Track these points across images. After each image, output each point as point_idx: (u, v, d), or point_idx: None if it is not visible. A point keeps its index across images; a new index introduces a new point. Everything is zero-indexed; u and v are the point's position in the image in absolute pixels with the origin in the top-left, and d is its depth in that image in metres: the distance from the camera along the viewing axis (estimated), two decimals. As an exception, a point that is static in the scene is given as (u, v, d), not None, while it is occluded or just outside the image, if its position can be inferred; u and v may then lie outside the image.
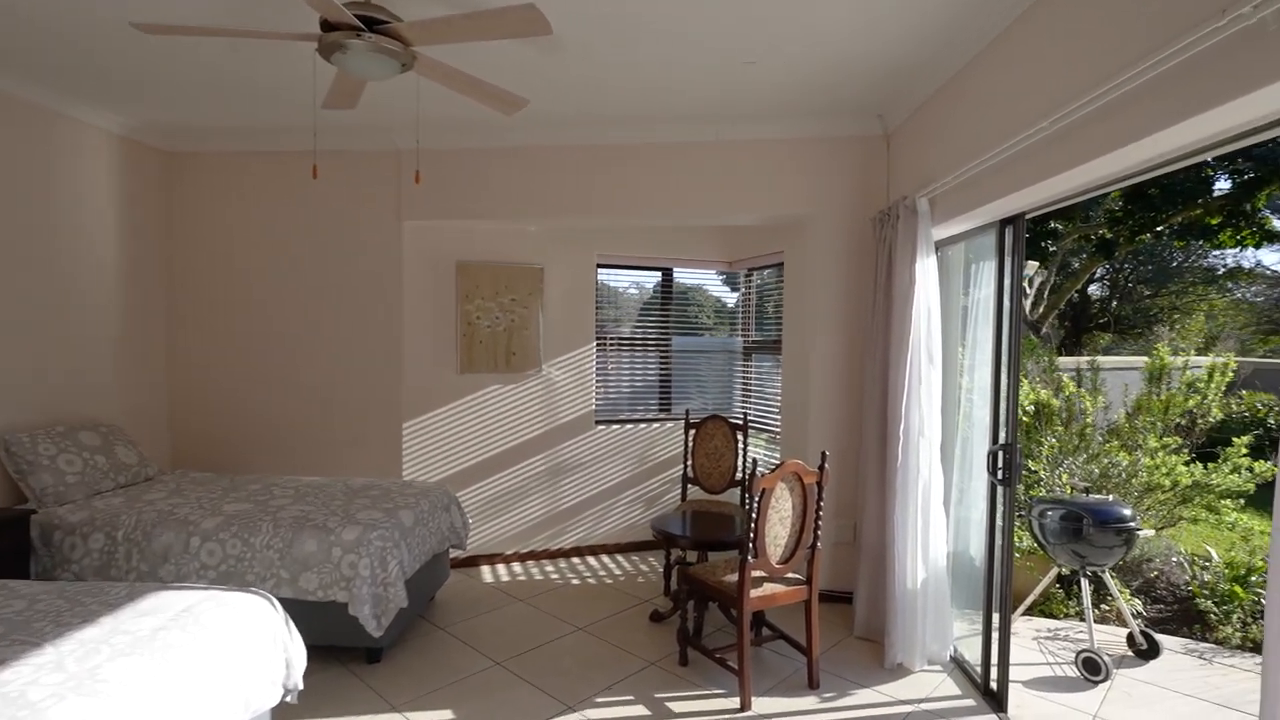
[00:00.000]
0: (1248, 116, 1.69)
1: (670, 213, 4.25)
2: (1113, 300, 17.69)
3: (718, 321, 5.65)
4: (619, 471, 5.03)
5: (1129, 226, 11.49)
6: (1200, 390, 5.34)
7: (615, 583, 4.45)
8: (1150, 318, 17.70)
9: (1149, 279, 17.30)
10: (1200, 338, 16.58)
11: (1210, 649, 3.73)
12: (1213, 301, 17.75)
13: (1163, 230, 11.74)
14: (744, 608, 2.94)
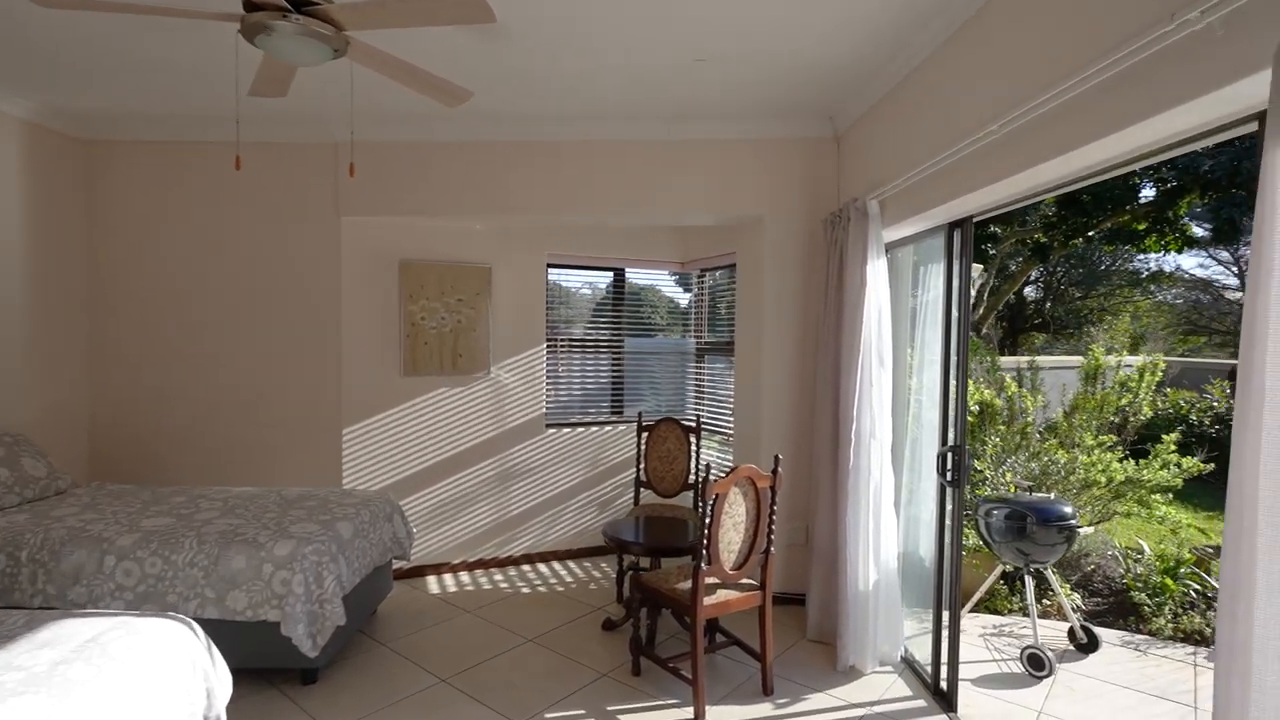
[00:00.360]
0: (1193, 122, 1.71)
1: (622, 212, 4.17)
2: (1046, 302, 18.42)
3: (670, 322, 5.60)
4: (570, 476, 4.92)
5: (1063, 231, 11.95)
6: (1132, 389, 5.55)
7: (567, 590, 4.34)
8: (1081, 318, 18.50)
9: (1080, 281, 18.08)
10: (1127, 337, 17.48)
11: (1145, 640, 3.86)
12: (1138, 303, 18.75)
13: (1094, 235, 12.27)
14: (698, 616, 2.88)
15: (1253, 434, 1.21)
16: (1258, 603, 1.20)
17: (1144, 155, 1.99)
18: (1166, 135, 1.81)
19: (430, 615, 3.93)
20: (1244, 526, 1.22)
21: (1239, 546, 1.23)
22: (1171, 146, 1.86)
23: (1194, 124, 1.71)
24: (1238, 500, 1.23)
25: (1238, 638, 1.23)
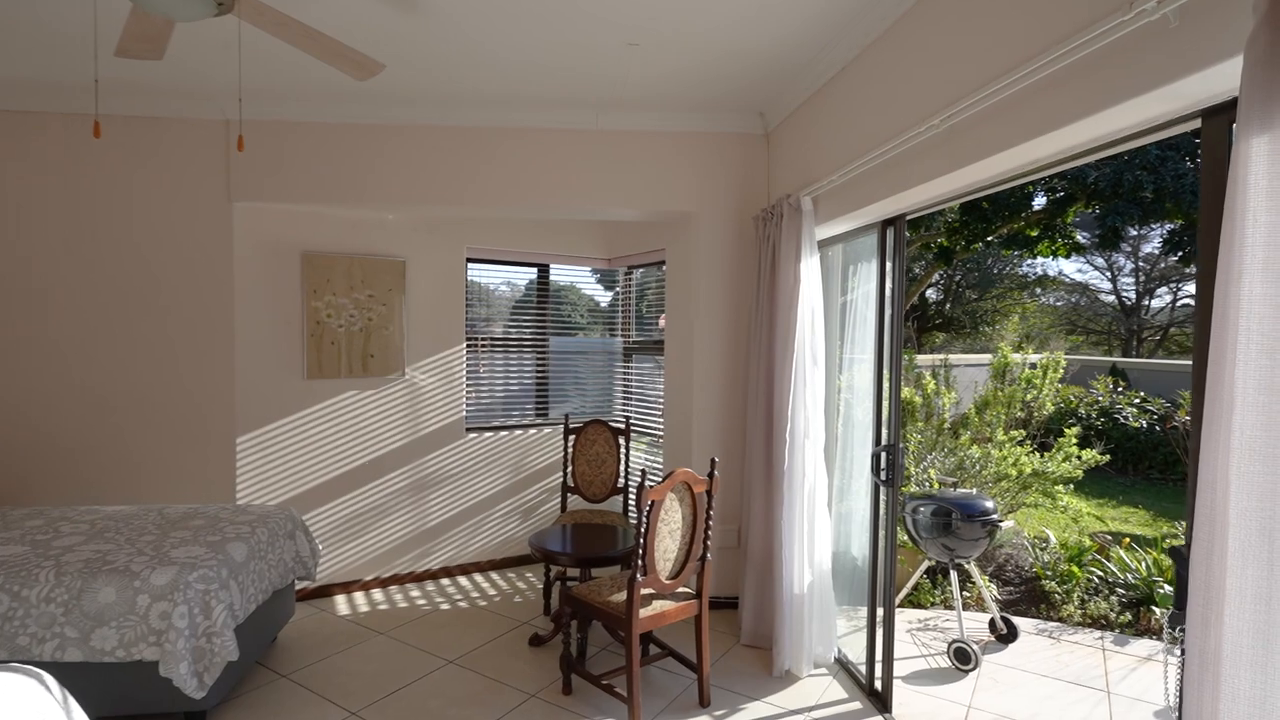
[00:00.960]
0: (1134, 120, 1.70)
1: (547, 204, 3.96)
2: (946, 303, 19.45)
3: (591, 321, 5.41)
4: (493, 482, 4.67)
5: (964, 236, 12.62)
6: (1036, 385, 5.83)
7: (490, 604, 4.09)
8: (977, 319, 19.67)
9: (975, 284, 19.19)
10: (1016, 336, 18.77)
11: (1056, 627, 4.01)
12: (1025, 305, 20.19)
13: (992, 240, 13.02)
14: (633, 630, 2.73)
15: (1223, 435, 1.17)
16: (1229, 610, 1.16)
17: (1079, 154, 1.99)
18: (1106, 133, 1.80)
19: (339, 639, 3.60)
20: (1215, 531, 1.18)
21: (1210, 551, 1.19)
22: (1110, 144, 1.86)
23: (1135, 122, 1.71)
24: (1208, 504, 1.19)
25: (1209, 645, 1.19)
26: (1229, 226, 1.17)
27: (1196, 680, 1.20)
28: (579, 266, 5.08)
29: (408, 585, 4.37)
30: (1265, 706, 1.13)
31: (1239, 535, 1.15)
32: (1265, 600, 1.13)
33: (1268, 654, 1.13)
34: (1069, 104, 1.77)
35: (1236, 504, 1.15)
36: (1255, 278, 1.13)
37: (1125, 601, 4.16)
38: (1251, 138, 1.12)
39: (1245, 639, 1.15)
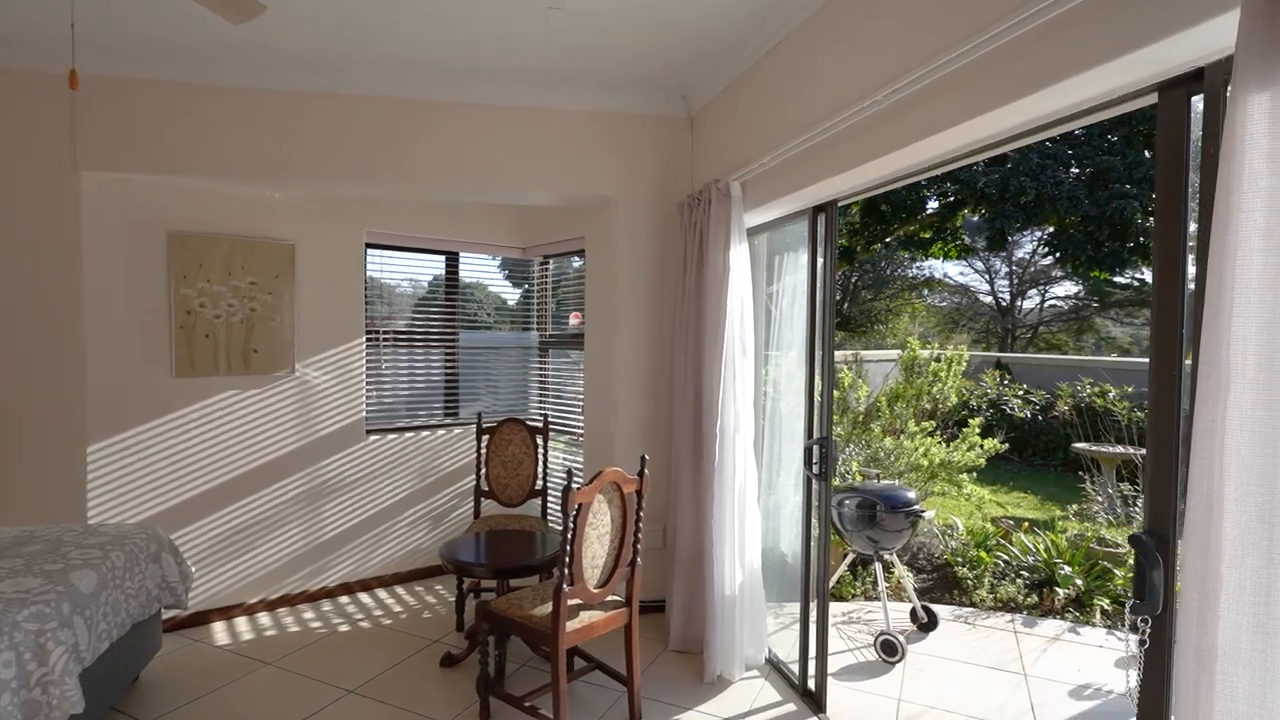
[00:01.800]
0: (1087, 94, 1.65)
1: (456, 185, 3.64)
2: (844, 302, 20.29)
3: (497, 320, 5.10)
4: (397, 488, 4.28)
5: (864, 236, 13.14)
6: (942, 379, 6.03)
7: (396, 623, 3.73)
8: (872, 317, 20.64)
9: (870, 284, 20.12)
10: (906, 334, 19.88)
11: (971, 612, 4.11)
12: (915, 305, 21.44)
13: (890, 241, 13.62)
14: (560, 646, 2.50)
15: (1219, 417, 1.09)
16: (1226, 603, 1.08)
17: (1026, 132, 1.94)
18: (1058, 109, 1.75)
19: (217, 674, 3.14)
20: (1211, 519, 1.10)
21: (1206, 541, 1.11)
22: (1060, 121, 1.81)
23: (1091, 95, 1.66)
24: (1204, 491, 1.12)
25: (1205, 642, 1.11)
26: (1224, 194, 1.09)
27: (1192, 680, 1.12)
28: (491, 255, 4.76)
29: (300, 606, 3.93)
30: (1265, 705, 1.06)
31: (1238, 523, 1.07)
32: (1265, 591, 1.06)
33: (1267, 649, 1.06)
34: (1024, 76, 1.70)
35: (1235, 489, 1.07)
36: (1254, 247, 1.05)
37: (1030, 584, 4.33)
38: (1250, 95, 1.04)
39: (1244, 634, 1.07)
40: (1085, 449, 7.22)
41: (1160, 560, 1.47)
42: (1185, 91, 1.46)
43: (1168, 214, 1.48)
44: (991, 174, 10.50)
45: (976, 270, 20.75)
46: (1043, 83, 1.67)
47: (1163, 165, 1.50)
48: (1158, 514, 1.50)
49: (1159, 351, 1.50)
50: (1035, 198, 9.43)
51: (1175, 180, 1.47)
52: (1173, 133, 1.48)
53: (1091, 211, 9.32)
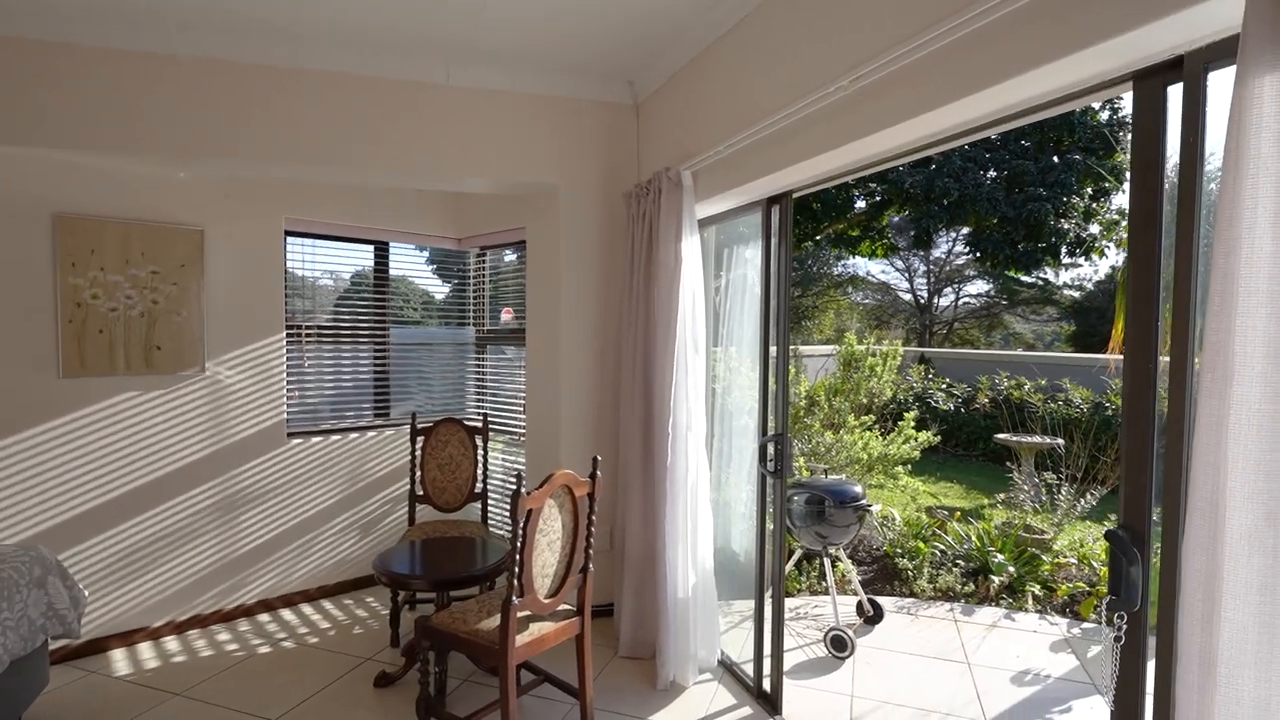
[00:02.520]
0: (1061, 83, 1.62)
1: (387, 169, 3.37)
2: (774, 298, 20.71)
3: (424, 316, 4.83)
4: (323, 495, 3.98)
5: (795, 234, 13.39)
6: (877, 373, 6.15)
7: (324, 641, 3.45)
8: (800, 314, 21.16)
9: (799, 281, 20.63)
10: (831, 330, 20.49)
11: (912, 603, 4.17)
12: (839, 302, 22.12)
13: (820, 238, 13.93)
14: (510, 662, 2.33)
15: (1223, 411, 1.05)
16: (1231, 604, 1.05)
17: (993, 122, 1.91)
18: (1029, 97, 1.72)
19: (116, 709, 2.81)
20: (1217, 517, 1.06)
21: (1213, 539, 1.07)
22: (1029, 111, 1.78)
23: (1065, 83, 1.63)
24: (1209, 488, 1.08)
25: (1209, 645, 1.07)
26: (1231, 179, 1.05)
27: (1197, 685, 1.08)
28: (421, 247, 4.50)
29: (214, 627, 3.58)
30: (1270, 708, 1.03)
31: (1244, 521, 1.04)
32: (1271, 591, 1.02)
33: (1273, 650, 1.02)
34: (999, 62, 1.66)
35: (1242, 486, 1.03)
36: (1264, 233, 1.01)
37: (965, 572, 4.44)
38: (1263, 76, 1.00)
39: (1250, 635, 1.04)
40: (1007, 439, 7.55)
41: (1138, 556, 1.45)
42: (1161, 81, 1.44)
43: (1143, 205, 1.47)
44: (916, 175, 10.85)
45: (897, 269, 21.58)
46: (1013, 71, 1.63)
47: (1138, 155, 1.48)
48: (1132, 509, 1.48)
49: (1134, 347, 1.49)
50: (958, 199, 9.82)
51: (1151, 171, 1.46)
52: (1149, 122, 1.46)
53: (1009, 213, 9.77)
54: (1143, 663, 1.48)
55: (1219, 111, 1.36)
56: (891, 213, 13.28)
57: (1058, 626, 3.86)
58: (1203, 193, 1.36)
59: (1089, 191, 10.55)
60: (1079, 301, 18.55)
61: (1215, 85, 1.35)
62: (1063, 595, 4.18)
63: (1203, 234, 1.36)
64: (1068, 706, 3.01)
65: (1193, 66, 1.36)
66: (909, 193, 11.04)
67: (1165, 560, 1.42)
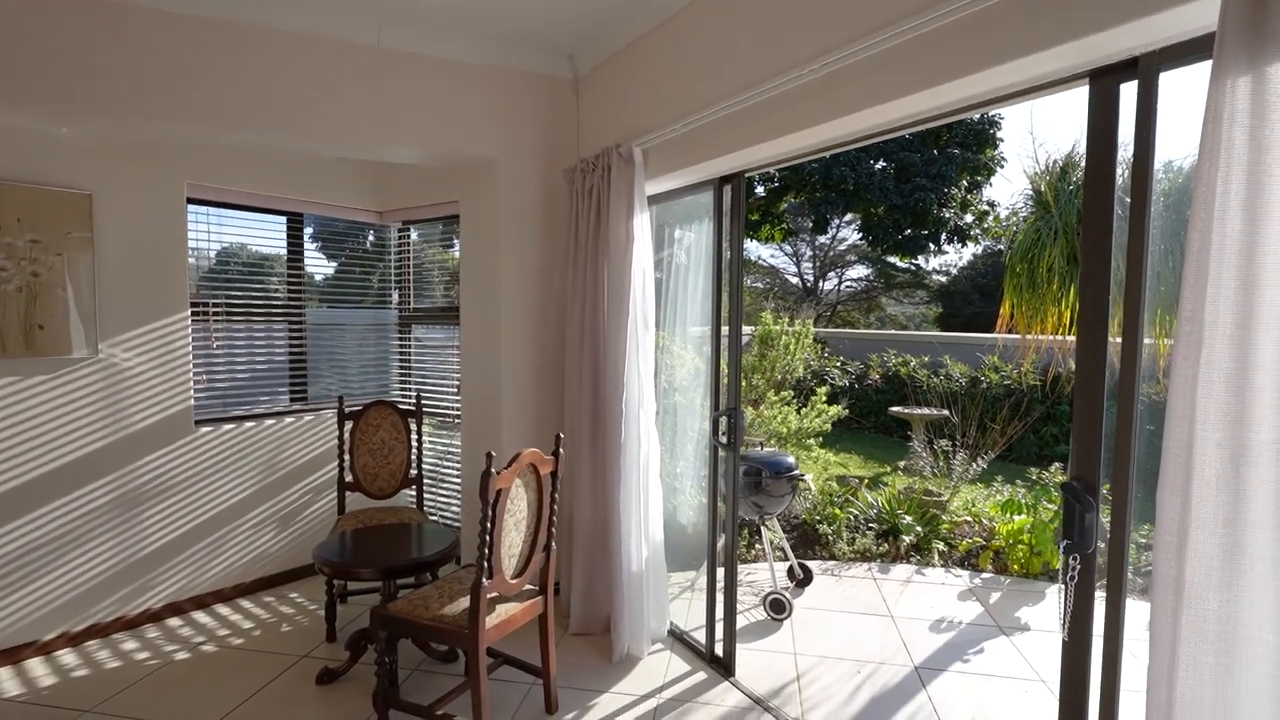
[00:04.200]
0: (993, 85, 1.79)
1: (307, 134, 3.07)
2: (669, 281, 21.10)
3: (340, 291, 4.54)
4: (237, 486, 3.68)
5: (698, 218, 13.67)
6: (791, 352, 6.44)
7: (250, 642, 3.22)
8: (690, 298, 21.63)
9: (695, 265, 21.05)
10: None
11: (834, 565, 4.45)
12: (731, 285, 22.83)
13: (721, 222, 14.28)
14: (480, 645, 2.29)
15: (1196, 369, 1.21)
16: (1198, 536, 1.22)
17: (945, 114, 2.05)
18: (988, 90, 1.86)
19: (11, 734, 2.50)
20: (1192, 461, 1.22)
21: (1189, 480, 1.23)
22: (984, 104, 1.93)
23: (1019, 80, 1.78)
24: (1182, 438, 1.23)
25: (1181, 575, 1.24)
26: (1206, 167, 1.19)
27: (1171, 608, 1.25)
28: (341, 217, 4.21)
29: (116, 636, 3.24)
30: (1231, 621, 1.21)
31: (1213, 465, 1.20)
32: (1233, 525, 1.19)
33: (1235, 575, 1.20)
34: (966, 57, 1.78)
35: (1211, 434, 1.20)
36: (1235, 216, 1.17)
37: (878, 534, 4.78)
38: (1239, 77, 1.15)
39: (1216, 562, 1.21)
40: (901, 412, 8.15)
41: (1092, 503, 1.64)
42: (1116, 79, 1.61)
43: (1097, 194, 1.63)
44: (814, 163, 11.36)
45: (786, 254, 22.55)
46: (979, 66, 1.76)
47: (1092, 147, 1.64)
48: (1084, 463, 1.67)
49: (1088, 323, 1.66)
50: (854, 187, 10.42)
51: (1105, 161, 1.62)
52: (1103, 117, 1.63)
53: (898, 201, 10.48)
54: (1092, 597, 1.67)
55: (1169, 109, 1.54)
56: (789, 198, 13.84)
57: (961, 578, 4.25)
58: (1152, 181, 1.54)
59: (964, 183, 11.49)
60: (945, 286, 20.10)
61: (1166, 85, 1.52)
62: (963, 550, 4.61)
63: (1153, 216, 1.54)
64: (980, 648, 3.34)
65: (1147, 67, 1.52)
66: (807, 180, 11.55)
67: (1115, 508, 1.61)
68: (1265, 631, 1.17)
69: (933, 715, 2.74)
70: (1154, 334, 1.92)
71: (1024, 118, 35.25)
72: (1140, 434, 1.56)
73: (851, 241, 19.19)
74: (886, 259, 17.36)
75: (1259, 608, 1.17)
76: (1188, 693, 1.23)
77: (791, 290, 23.36)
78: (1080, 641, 1.68)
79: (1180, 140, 2.16)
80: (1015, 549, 4.33)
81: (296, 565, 3.90)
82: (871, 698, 2.86)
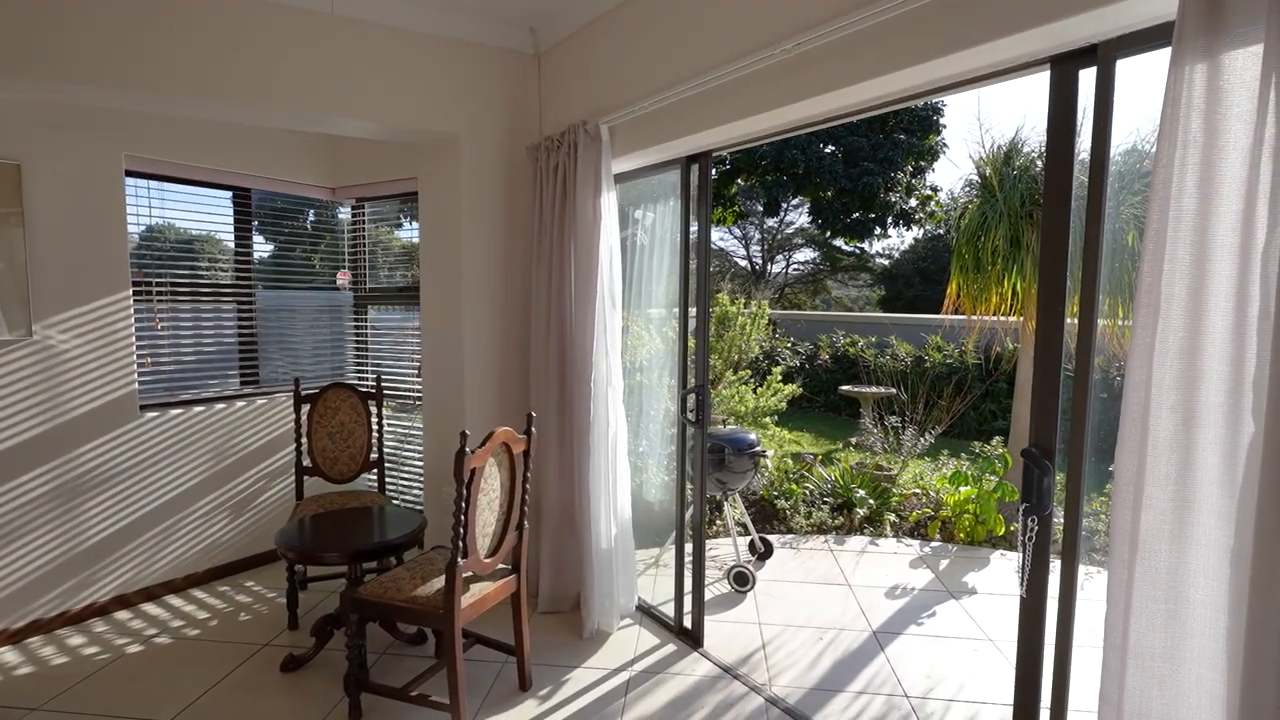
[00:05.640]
0: (956, 70, 1.86)
1: (257, 104, 2.91)
2: (625, 262, 21.07)
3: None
4: (186, 474, 3.54)
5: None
6: (747, 332, 6.54)
7: (207, 632, 3.12)
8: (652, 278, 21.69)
9: (647, 246, 21.11)
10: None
11: (792, 538, 4.58)
12: (686, 267, 22.98)
13: (673, 205, 14.30)
14: (456, 624, 2.28)
15: (1151, 338, 1.29)
16: (1149, 494, 1.31)
17: (909, 96, 2.11)
18: (955, 73, 1.92)
19: (-48, 736, 2.37)
20: (1145, 426, 1.31)
21: (1143, 443, 1.32)
22: (946, 88, 1.99)
23: (981, 65, 1.84)
24: (1139, 403, 1.33)
25: (1135, 528, 1.33)
26: (1165, 149, 1.27)
27: (1126, 560, 1.35)
28: (292, 193, 4.06)
29: (61, 632, 3.10)
30: (1179, 571, 1.31)
31: (1166, 427, 1.29)
32: (1183, 481, 1.29)
33: (1184, 527, 1.30)
34: (932, 41, 1.83)
35: (1165, 398, 1.29)
36: (1190, 195, 1.25)
37: (833, 507, 4.94)
38: (1196, 63, 1.22)
39: (1167, 516, 1.31)
40: (851, 390, 8.39)
41: (1050, 467, 1.74)
42: (1075, 65, 1.69)
43: (1056, 175, 1.71)
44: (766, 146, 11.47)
45: (735, 236, 22.80)
46: (945, 50, 1.81)
47: (1052, 130, 1.73)
48: (1042, 431, 1.77)
49: (1046, 296, 1.74)
50: (804, 170, 10.57)
51: (1063, 144, 1.70)
52: (1063, 101, 1.71)
53: (847, 185, 10.69)
54: (1048, 555, 1.78)
55: (1125, 95, 1.63)
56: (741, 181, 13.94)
57: (912, 547, 4.44)
58: (1109, 163, 1.63)
59: (910, 168, 11.80)
60: (888, 269, 20.65)
61: (1123, 72, 1.61)
62: (913, 521, 4.81)
63: (1109, 195, 1.63)
64: (933, 612, 3.51)
65: (1105, 54, 1.60)
66: (759, 163, 11.65)
67: (1070, 469, 1.71)
68: (1209, 578, 1.28)
69: (891, 675, 2.87)
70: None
71: (971, 104, 36.06)
72: (1094, 403, 1.66)
73: (799, 225, 19.51)
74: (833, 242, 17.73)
75: (1206, 557, 1.28)
76: (1140, 637, 1.33)
77: (741, 273, 23.66)
78: (1037, 597, 1.79)
79: (1131, 124, 2.27)
80: (961, 519, 4.55)
81: (253, 553, 3.79)
82: (834, 662, 2.98)
